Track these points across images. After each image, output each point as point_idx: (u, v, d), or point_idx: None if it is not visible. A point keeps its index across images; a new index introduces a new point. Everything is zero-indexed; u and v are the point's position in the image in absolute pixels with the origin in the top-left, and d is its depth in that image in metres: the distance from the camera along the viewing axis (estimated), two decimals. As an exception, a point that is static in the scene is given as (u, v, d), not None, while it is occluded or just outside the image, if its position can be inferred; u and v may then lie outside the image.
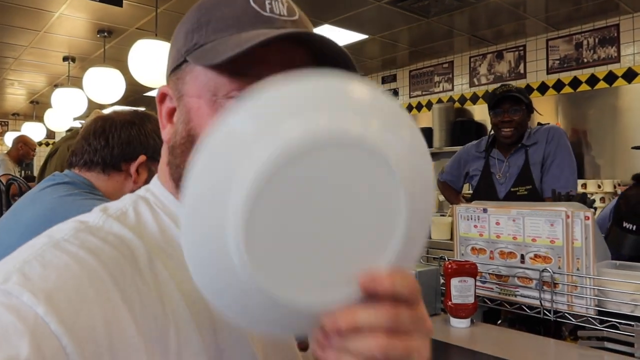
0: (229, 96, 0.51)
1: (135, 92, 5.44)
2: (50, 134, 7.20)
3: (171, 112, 0.58)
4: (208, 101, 0.52)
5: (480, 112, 4.62)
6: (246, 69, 0.51)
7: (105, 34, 4.05)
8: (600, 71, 3.85)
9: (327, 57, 0.53)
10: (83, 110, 4.83)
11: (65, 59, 4.78)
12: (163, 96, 0.58)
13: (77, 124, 5.26)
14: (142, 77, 3.36)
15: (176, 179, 0.56)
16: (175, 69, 0.56)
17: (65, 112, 4.96)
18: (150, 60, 3.24)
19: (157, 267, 0.50)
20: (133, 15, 3.69)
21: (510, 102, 2.15)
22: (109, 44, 4.28)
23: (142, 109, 1.36)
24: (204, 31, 0.53)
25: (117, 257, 0.47)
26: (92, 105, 4.53)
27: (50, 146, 2.63)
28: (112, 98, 4.07)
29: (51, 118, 5.84)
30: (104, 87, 3.97)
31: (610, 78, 3.80)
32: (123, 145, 1.20)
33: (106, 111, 1.32)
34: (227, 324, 0.53)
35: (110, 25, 3.92)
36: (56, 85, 5.57)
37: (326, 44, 0.52)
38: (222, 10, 0.54)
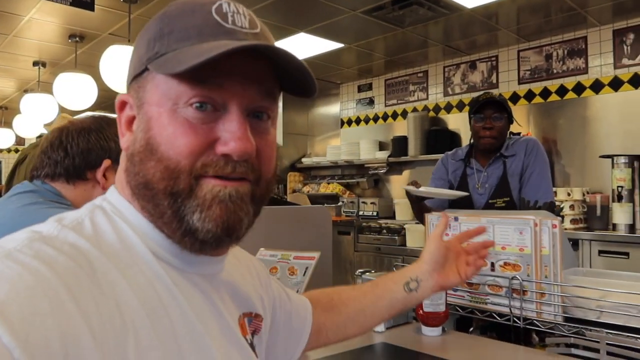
0: (189, 103, 0.53)
1: (107, 98, 5.32)
2: (20, 141, 7.01)
3: (130, 120, 0.58)
4: (168, 110, 0.53)
5: (454, 121, 4.69)
6: (207, 78, 0.52)
7: (77, 38, 3.97)
8: (569, 82, 3.96)
9: (286, 70, 0.55)
10: (54, 117, 4.73)
11: (35, 63, 4.66)
12: (123, 104, 0.59)
13: (47, 131, 5.14)
14: (115, 83, 3.30)
15: (133, 187, 0.56)
16: (137, 76, 0.57)
17: (35, 118, 4.84)
18: (122, 66, 3.20)
19: (115, 277, 0.49)
20: (106, 21, 3.64)
21: (493, 109, 2.11)
22: (81, 49, 4.20)
23: (104, 113, 1.33)
24: (166, 40, 0.54)
25: (72, 267, 0.46)
26: (64, 112, 4.43)
27: (20, 153, 2.55)
28: (84, 104, 3.99)
29: (20, 124, 5.70)
30: (75, 92, 3.89)
31: (579, 89, 3.91)
32: (83, 154, 1.17)
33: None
34: (189, 330, 0.53)
35: (82, 30, 3.85)
36: (26, 91, 5.43)
37: (285, 57, 0.54)
38: (185, 20, 0.54)
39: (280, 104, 0.58)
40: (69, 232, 0.50)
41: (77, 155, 1.16)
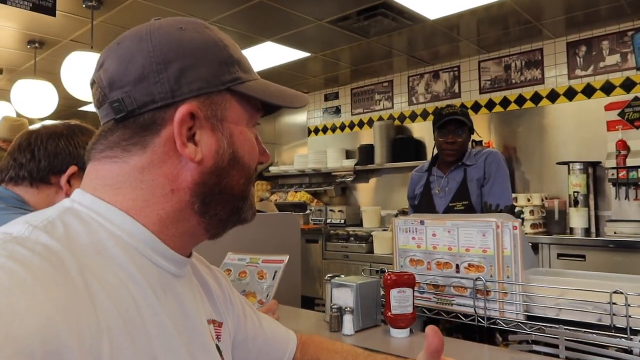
0: (253, 124, 0.66)
1: (68, 106, 5.21)
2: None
3: (193, 133, 0.59)
4: (244, 128, 0.64)
5: (419, 130, 4.79)
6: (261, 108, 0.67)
7: (37, 44, 3.87)
8: (527, 92, 4.11)
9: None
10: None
11: (-9, 70, 4.52)
12: (192, 116, 0.59)
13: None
14: (77, 90, 3.23)
15: (208, 194, 0.61)
16: (209, 93, 0.60)
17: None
18: (85, 73, 3.13)
19: (88, 277, 0.49)
20: (67, 27, 3.56)
21: (455, 124, 2.25)
22: (40, 56, 4.09)
23: (75, 121, 1.31)
24: (237, 68, 0.62)
25: (47, 268, 0.46)
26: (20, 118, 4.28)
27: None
28: (44, 112, 3.87)
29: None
30: (34, 100, 3.78)
31: (536, 98, 4.07)
32: (50, 157, 1.15)
33: (35, 125, 1.26)
34: (161, 331, 0.55)
35: (42, 35, 3.75)
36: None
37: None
38: (237, 52, 0.64)
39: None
40: (40, 233, 0.50)
41: (43, 158, 1.14)
